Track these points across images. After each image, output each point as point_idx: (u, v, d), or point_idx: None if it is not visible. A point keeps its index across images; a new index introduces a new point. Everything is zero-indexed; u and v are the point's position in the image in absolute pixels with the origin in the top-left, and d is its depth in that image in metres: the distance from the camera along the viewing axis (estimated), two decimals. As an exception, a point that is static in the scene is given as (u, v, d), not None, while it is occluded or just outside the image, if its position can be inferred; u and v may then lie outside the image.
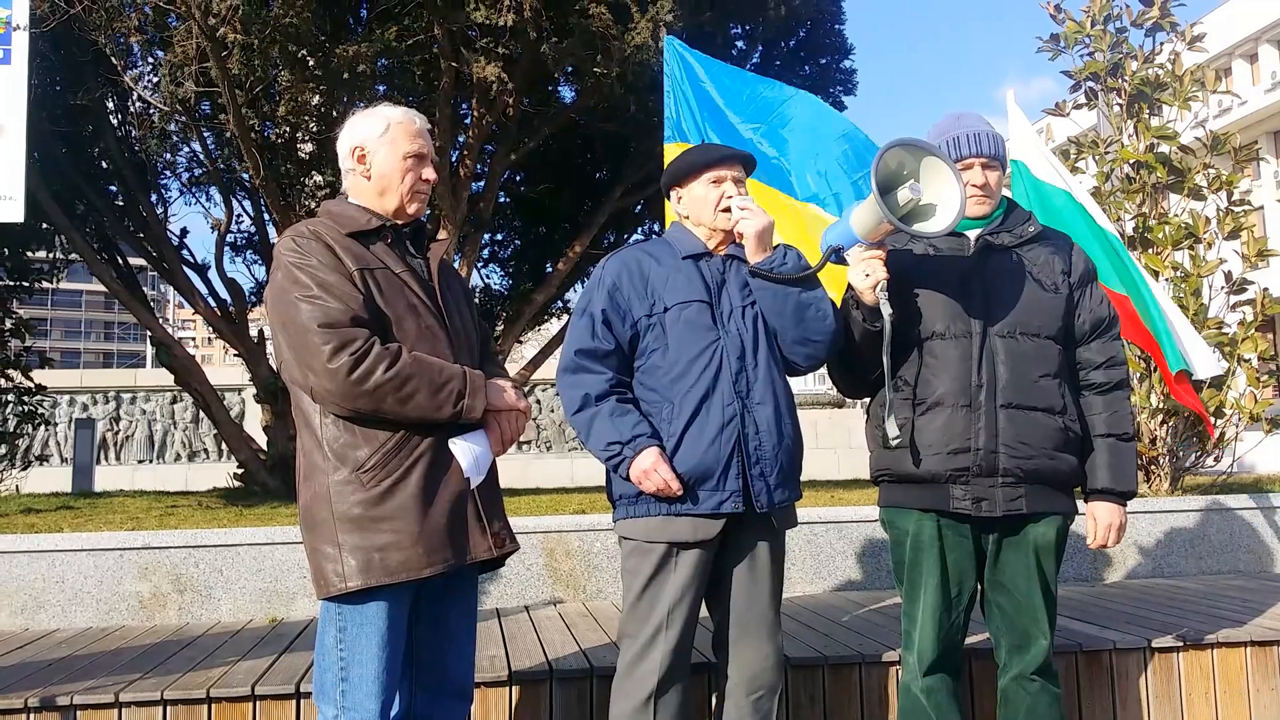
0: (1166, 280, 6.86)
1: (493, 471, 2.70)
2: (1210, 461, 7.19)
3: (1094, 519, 2.91)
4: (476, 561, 2.60)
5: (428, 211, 9.17)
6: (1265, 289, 7.00)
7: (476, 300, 12.35)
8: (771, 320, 2.83)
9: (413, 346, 2.51)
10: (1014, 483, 2.79)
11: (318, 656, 2.54)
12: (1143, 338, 4.82)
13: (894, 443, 2.78)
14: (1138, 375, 6.76)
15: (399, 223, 2.69)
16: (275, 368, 2.58)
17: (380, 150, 2.66)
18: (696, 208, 2.91)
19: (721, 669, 2.89)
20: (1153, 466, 6.82)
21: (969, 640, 3.04)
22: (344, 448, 2.48)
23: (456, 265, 9.62)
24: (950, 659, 2.91)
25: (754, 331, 2.82)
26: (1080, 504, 2.95)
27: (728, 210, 2.84)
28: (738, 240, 2.86)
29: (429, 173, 2.71)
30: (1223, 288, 6.99)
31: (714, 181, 2.87)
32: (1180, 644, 3.71)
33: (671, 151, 4.71)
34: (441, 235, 8.85)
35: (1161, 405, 6.74)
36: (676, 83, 4.95)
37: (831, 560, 5.13)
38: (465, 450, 2.58)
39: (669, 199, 3.02)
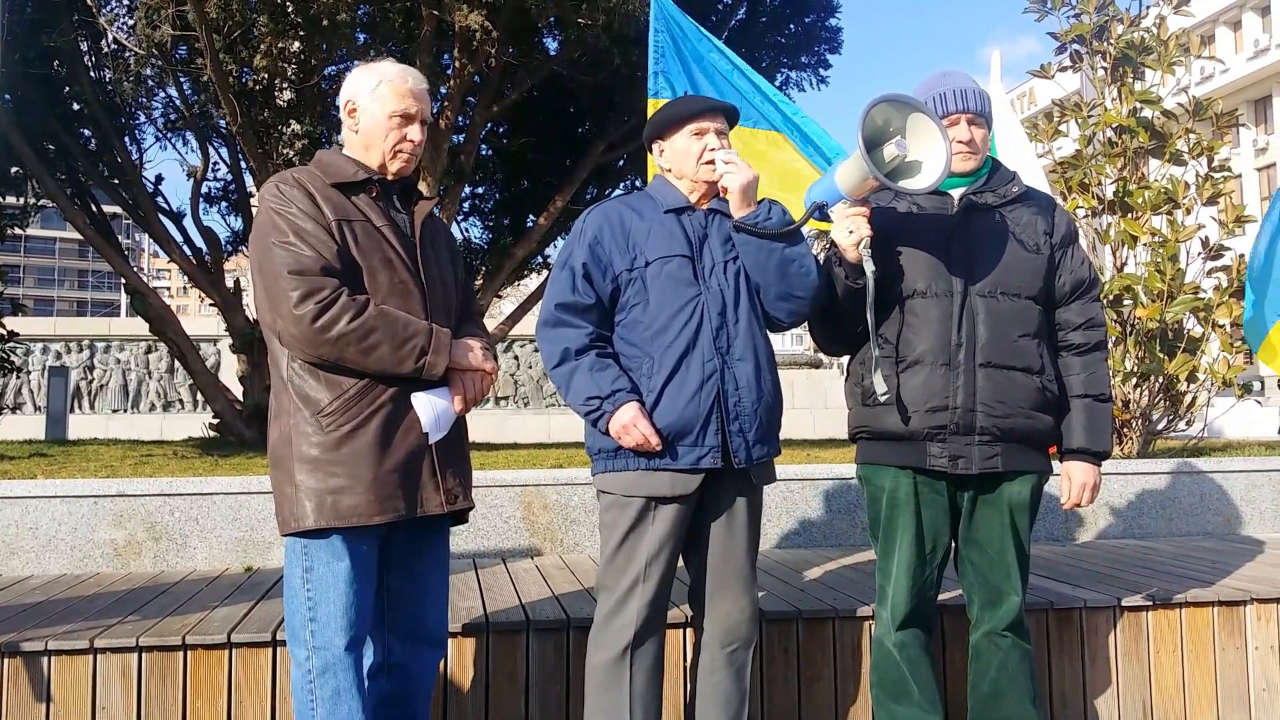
0: (1144, 245, 6.90)
1: (458, 429, 2.71)
2: (1182, 425, 7.27)
3: (1069, 479, 2.94)
4: (429, 515, 2.62)
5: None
6: (1241, 255, 7.04)
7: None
8: (754, 276, 2.82)
9: (384, 300, 2.54)
10: (990, 441, 2.81)
11: (287, 598, 2.57)
12: None
13: (882, 398, 2.79)
14: (1113, 339, 6.80)
15: (387, 177, 2.68)
16: (255, 310, 2.61)
17: (369, 106, 2.65)
18: (679, 161, 2.88)
19: (698, 622, 2.91)
20: (1125, 429, 6.89)
21: (941, 596, 3.07)
22: (307, 390, 2.52)
23: (441, 223, 9.55)
24: (923, 614, 2.94)
25: (735, 287, 2.81)
26: (1055, 464, 2.98)
27: (711, 163, 2.81)
28: (721, 194, 2.85)
29: (414, 133, 2.69)
30: (1200, 253, 7.04)
31: (696, 134, 2.84)
32: (1149, 603, 3.76)
33: (655, 106, 4.69)
34: (423, 189, 8.78)
35: (1135, 369, 6.80)
36: (662, 36, 4.91)
37: (807, 517, 5.17)
38: (426, 405, 2.60)
39: (651, 152, 2.99)
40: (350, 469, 2.48)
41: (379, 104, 2.65)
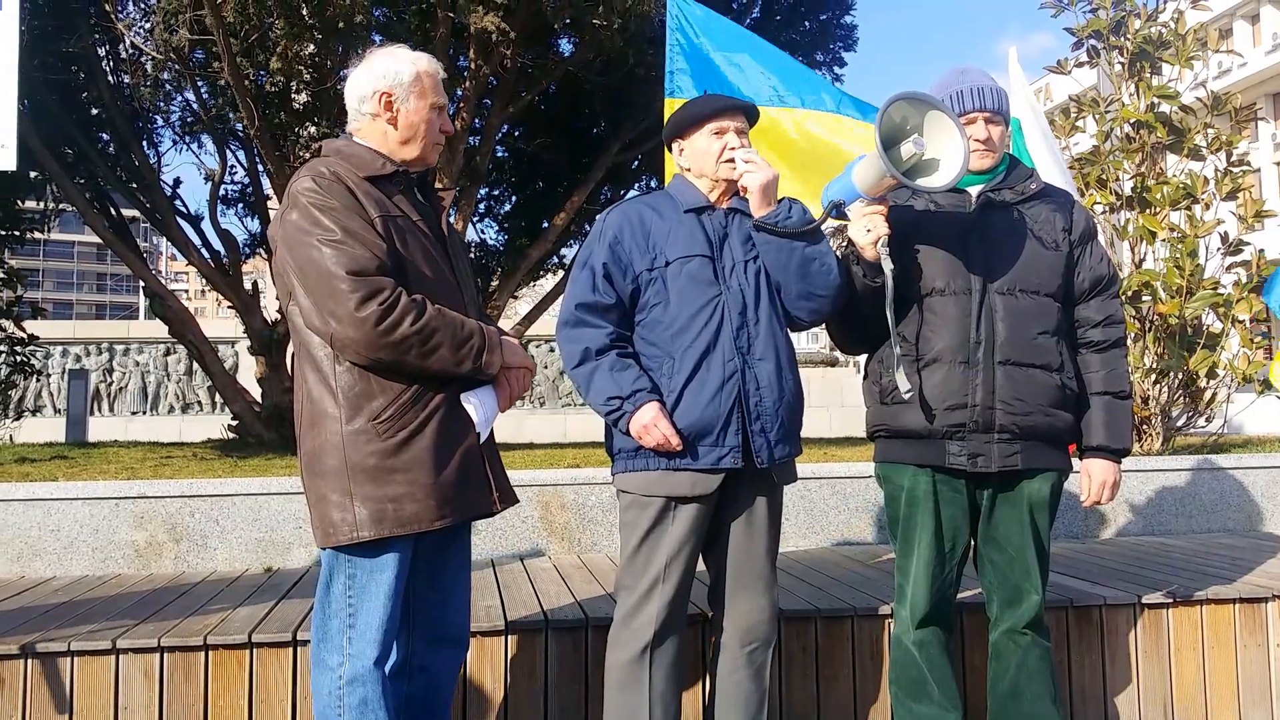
0: (1163, 241, 6.86)
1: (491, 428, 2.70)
2: (1202, 422, 7.22)
3: (1089, 476, 2.93)
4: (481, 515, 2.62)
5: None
6: (1261, 250, 7.00)
7: (472, 255, 12.35)
8: (775, 275, 2.82)
9: (432, 298, 2.48)
10: (1010, 439, 2.80)
11: (321, 605, 2.53)
12: None
13: (906, 396, 2.78)
14: (1132, 335, 6.76)
15: (412, 170, 2.63)
16: (280, 310, 2.54)
17: (410, 99, 2.58)
18: (699, 160, 2.88)
19: (717, 621, 2.92)
20: (1145, 426, 6.85)
21: (961, 594, 3.06)
22: (359, 397, 2.44)
23: (452, 219, 9.58)
24: (942, 613, 2.94)
25: (756, 286, 2.81)
26: (1075, 461, 2.97)
27: (731, 162, 2.81)
28: (741, 194, 2.84)
29: (448, 124, 2.67)
30: (1219, 249, 6.99)
31: (716, 133, 2.84)
32: (1170, 600, 3.74)
33: (671, 106, 4.67)
34: (438, 186, 8.79)
35: (1154, 365, 6.76)
36: (678, 35, 4.89)
37: (825, 516, 5.16)
38: (476, 406, 2.58)
39: (671, 151, 2.98)
40: (411, 475, 2.43)
41: (421, 98, 2.58)
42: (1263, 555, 4.62)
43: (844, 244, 2.99)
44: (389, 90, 2.57)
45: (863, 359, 3.12)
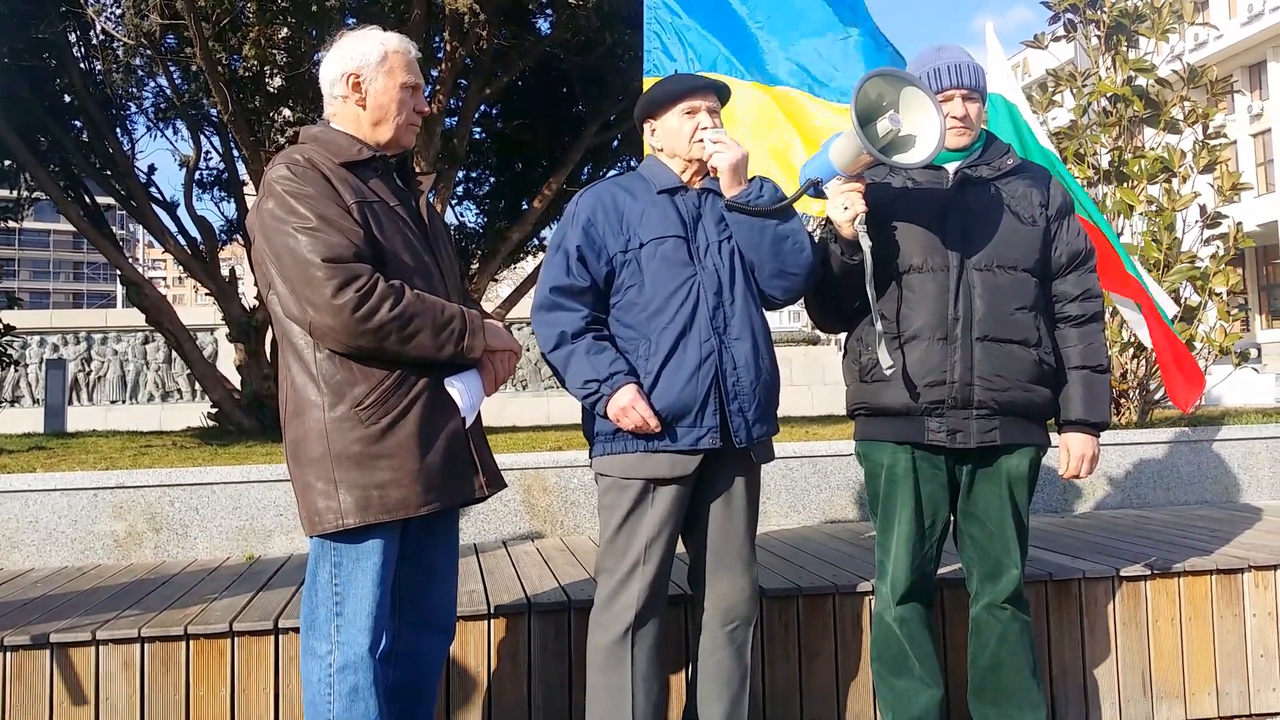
0: (1140, 214, 6.89)
1: (477, 412, 2.69)
2: (1180, 394, 7.27)
3: (1067, 450, 2.94)
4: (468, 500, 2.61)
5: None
6: (1238, 223, 7.04)
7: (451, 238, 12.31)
8: (748, 254, 2.81)
9: (411, 283, 2.47)
10: (988, 415, 2.81)
11: (309, 593, 2.52)
12: (1123, 283, 4.84)
13: (888, 372, 2.77)
14: (1109, 310, 6.80)
15: (389, 154, 2.61)
16: (259, 297, 2.52)
17: (378, 79, 2.56)
18: (670, 140, 2.86)
19: (698, 601, 2.92)
20: (1122, 399, 6.90)
21: (941, 570, 3.08)
22: (341, 384, 2.43)
23: (432, 203, 9.52)
24: (923, 588, 2.95)
25: (730, 266, 2.80)
26: (1053, 435, 2.98)
27: (702, 142, 2.80)
28: (712, 174, 2.83)
29: (423, 104, 2.65)
30: (1196, 221, 7.03)
31: (687, 112, 2.83)
32: (1148, 572, 3.77)
33: (650, 85, 4.63)
34: (416, 171, 8.73)
35: (1132, 339, 6.80)
36: (655, 12, 4.84)
37: (806, 494, 5.18)
38: (461, 390, 2.56)
39: (643, 131, 2.97)
40: (395, 461, 2.42)
41: (389, 77, 2.56)
42: (1239, 527, 4.66)
43: (823, 223, 2.98)
44: (356, 71, 2.56)
45: (843, 337, 3.13)
